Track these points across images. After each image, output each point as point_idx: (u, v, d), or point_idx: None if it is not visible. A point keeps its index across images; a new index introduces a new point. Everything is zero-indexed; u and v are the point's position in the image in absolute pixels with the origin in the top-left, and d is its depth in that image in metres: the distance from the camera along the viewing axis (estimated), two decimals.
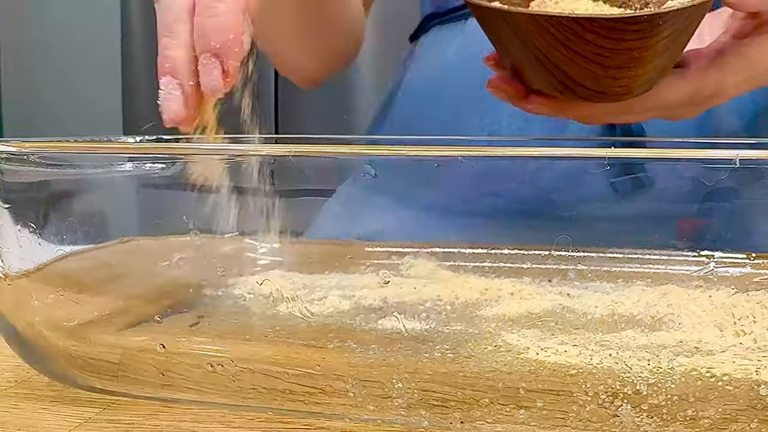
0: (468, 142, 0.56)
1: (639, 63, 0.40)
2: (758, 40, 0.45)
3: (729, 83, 0.45)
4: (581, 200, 0.41)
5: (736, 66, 0.45)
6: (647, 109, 0.45)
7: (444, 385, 0.30)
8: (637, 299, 0.39)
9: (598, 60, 0.39)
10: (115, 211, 0.43)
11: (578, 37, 0.38)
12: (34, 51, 2.23)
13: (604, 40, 0.38)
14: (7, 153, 0.35)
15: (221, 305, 0.41)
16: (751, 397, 0.28)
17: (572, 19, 0.38)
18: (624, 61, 0.39)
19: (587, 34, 0.38)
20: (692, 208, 0.39)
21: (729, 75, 0.45)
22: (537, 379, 0.30)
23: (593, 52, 0.39)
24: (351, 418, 0.32)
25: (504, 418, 0.30)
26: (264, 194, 0.45)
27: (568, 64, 0.40)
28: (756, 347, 0.32)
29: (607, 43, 0.38)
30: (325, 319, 0.36)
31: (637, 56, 0.39)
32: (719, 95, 0.46)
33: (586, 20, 0.38)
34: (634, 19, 0.38)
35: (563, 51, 0.39)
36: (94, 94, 2.15)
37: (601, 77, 0.41)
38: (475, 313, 0.37)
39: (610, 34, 0.38)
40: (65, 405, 0.34)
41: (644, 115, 0.46)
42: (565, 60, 0.40)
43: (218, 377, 0.32)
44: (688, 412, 0.29)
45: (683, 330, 0.34)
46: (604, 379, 0.29)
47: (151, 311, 0.38)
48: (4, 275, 0.35)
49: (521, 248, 0.45)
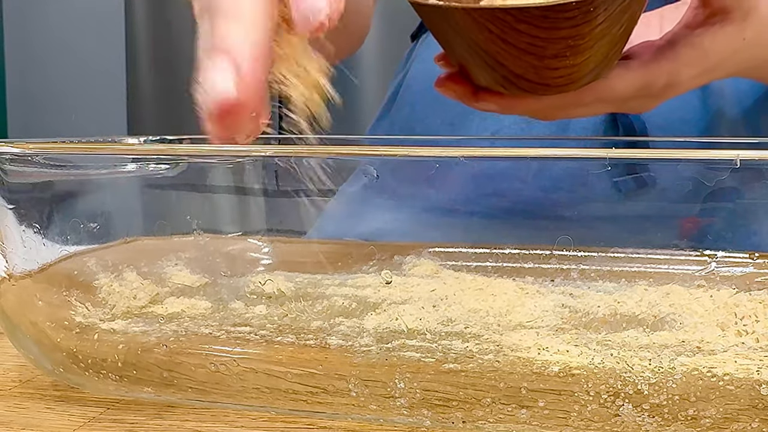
0: (470, 142, 0.56)
1: (576, 51, 0.39)
2: (711, 30, 0.44)
3: (683, 75, 0.44)
4: (583, 200, 0.41)
5: (689, 57, 0.44)
6: (599, 101, 0.45)
7: (446, 385, 0.30)
8: (640, 299, 0.39)
9: (534, 51, 0.39)
10: (118, 212, 0.43)
11: (512, 28, 0.38)
12: (38, 52, 2.23)
13: (537, 30, 0.38)
14: (11, 154, 0.35)
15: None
16: (752, 397, 0.28)
17: (503, 10, 0.38)
18: (560, 50, 0.39)
19: (520, 25, 0.38)
20: (695, 207, 0.39)
21: (682, 66, 0.44)
22: (539, 378, 0.30)
23: (528, 42, 0.38)
24: (353, 417, 0.32)
25: (506, 417, 0.30)
26: (267, 194, 0.45)
27: (507, 58, 0.40)
28: (758, 347, 0.32)
29: (540, 33, 0.38)
30: (327, 319, 0.36)
31: (572, 44, 0.39)
32: (673, 87, 0.45)
33: (517, 11, 0.38)
34: (563, 6, 0.37)
35: (500, 44, 0.39)
36: (98, 94, 2.15)
37: (541, 68, 0.40)
38: (477, 313, 0.37)
39: (542, 24, 0.38)
40: (69, 405, 0.34)
41: (597, 107, 0.46)
42: (504, 53, 0.39)
43: (221, 377, 0.33)
44: (689, 411, 0.29)
45: (685, 330, 0.34)
46: (605, 378, 0.29)
47: (156, 311, 0.38)
48: (9, 275, 0.35)
49: (524, 248, 0.45)
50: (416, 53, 0.73)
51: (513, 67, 0.41)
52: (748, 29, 0.44)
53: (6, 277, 0.35)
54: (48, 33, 2.21)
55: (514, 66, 0.41)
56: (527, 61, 0.40)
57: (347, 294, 0.41)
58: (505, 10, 0.38)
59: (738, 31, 0.44)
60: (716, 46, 0.44)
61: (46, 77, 2.22)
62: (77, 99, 2.18)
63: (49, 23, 2.21)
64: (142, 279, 0.41)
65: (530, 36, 0.38)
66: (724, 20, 0.44)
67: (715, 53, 0.44)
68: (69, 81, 2.20)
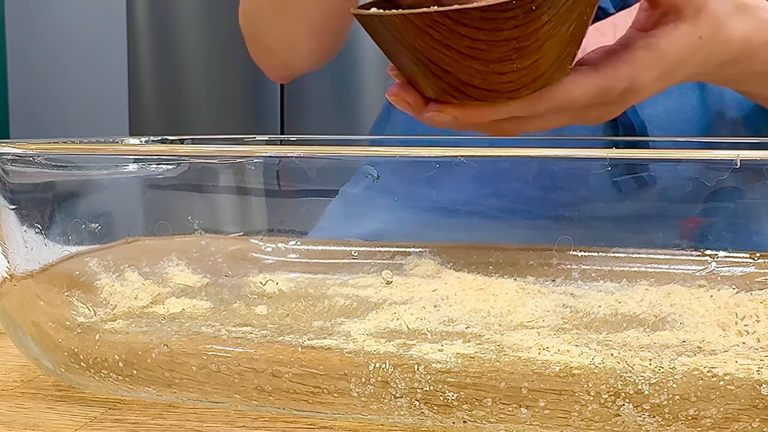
0: (471, 142, 0.56)
1: (522, 54, 0.38)
2: (665, 30, 0.43)
3: (642, 78, 0.43)
4: (584, 200, 0.41)
5: (646, 59, 0.42)
6: (555, 111, 0.43)
7: (447, 385, 0.30)
8: (641, 299, 0.39)
9: (478, 55, 0.38)
10: (120, 212, 0.44)
11: (452, 32, 0.37)
12: (40, 52, 2.24)
13: (479, 33, 0.37)
14: (13, 154, 0.35)
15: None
16: (752, 397, 0.28)
17: (441, 13, 0.37)
18: (505, 53, 0.37)
19: (460, 28, 0.37)
20: (695, 207, 0.39)
21: (640, 69, 0.43)
22: (539, 378, 0.30)
23: (470, 47, 0.37)
24: (354, 417, 0.32)
25: (507, 417, 0.30)
26: (268, 194, 0.45)
27: (451, 64, 0.39)
28: (759, 347, 0.32)
29: (483, 35, 0.37)
30: (328, 319, 0.37)
31: (517, 47, 0.37)
32: (633, 92, 0.43)
33: (455, 12, 0.36)
34: (502, 6, 0.36)
35: (443, 50, 0.38)
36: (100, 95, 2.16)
37: (487, 73, 0.39)
38: (478, 313, 0.37)
39: (483, 25, 0.37)
40: (71, 404, 0.34)
41: (554, 118, 0.44)
42: (447, 60, 0.38)
43: (222, 377, 0.33)
44: (690, 411, 0.29)
45: (686, 329, 0.34)
46: (606, 378, 0.29)
47: (157, 311, 0.38)
48: (10, 276, 0.35)
49: (524, 248, 0.45)
50: None
51: (459, 74, 0.39)
52: (701, 26, 0.43)
53: (8, 278, 0.36)
54: (50, 33, 2.21)
55: (460, 73, 0.39)
56: (472, 67, 0.39)
57: (348, 294, 0.41)
58: (443, 13, 0.37)
59: (692, 28, 0.43)
60: (672, 45, 0.43)
61: (48, 78, 2.23)
62: (79, 99, 2.18)
63: (51, 23, 2.21)
64: (143, 279, 0.41)
65: (472, 39, 0.37)
66: (677, 19, 0.43)
67: (672, 53, 0.43)
68: (71, 82, 2.20)
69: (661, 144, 0.54)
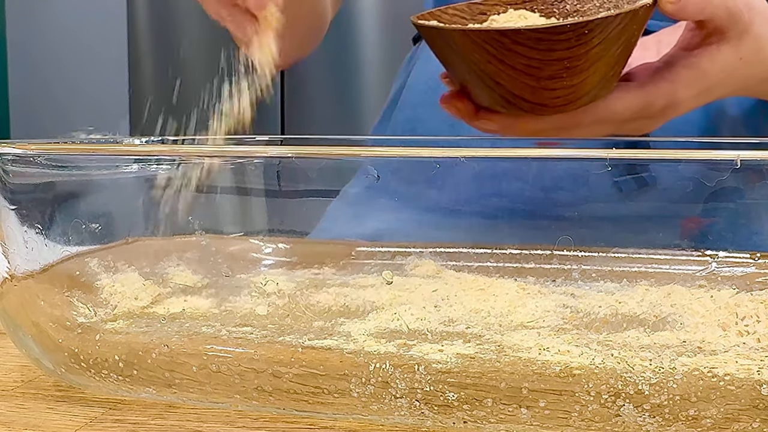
0: (471, 142, 0.56)
1: (573, 73, 0.40)
2: (708, 50, 0.45)
3: (682, 95, 0.45)
4: (585, 200, 0.41)
5: (687, 78, 0.45)
6: (598, 122, 0.45)
7: (447, 385, 0.30)
8: (641, 299, 0.39)
9: (530, 72, 0.40)
10: (120, 212, 0.44)
11: (508, 50, 0.39)
12: (41, 52, 2.24)
13: (533, 52, 0.39)
14: (13, 155, 0.35)
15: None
16: (753, 397, 0.28)
17: (499, 32, 0.39)
18: (556, 71, 0.40)
19: (517, 47, 0.39)
20: (696, 207, 0.39)
21: (681, 87, 0.45)
22: (540, 378, 0.30)
23: (525, 63, 0.39)
24: (354, 417, 0.32)
25: (507, 417, 0.30)
26: (269, 194, 0.45)
27: (504, 78, 0.41)
28: (759, 347, 0.32)
29: (537, 54, 0.39)
30: (328, 319, 0.37)
31: (569, 66, 0.39)
32: (673, 108, 0.45)
33: (512, 32, 0.39)
34: (557, 29, 0.38)
35: (498, 65, 0.40)
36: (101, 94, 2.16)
37: (538, 89, 0.41)
38: (479, 313, 0.37)
39: (537, 45, 0.39)
40: (71, 405, 0.34)
41: (596, 128, 0.46)
42: (501, 74, 0.40)
43: (223, 377, 0.33)
44: (690, 411, 0.29)
45: (686, 330, 0.34)
46: (606, 378, 0.29)
47: (157, 311, 0.38)
48: (11, 276, 0.35)
49: (525, 248, 0.45)
50: (418, 56, 0.73)
51: (511, 88, 0.41)
52: (743, 48, 0.45)
53: (8, 278, 0.36)
54: (51, 33, 2.21)
55: (512, 86, 0.41)
56: (524, 82, 0.41)
57: (348, 294, 0.41)
58: (501, 32, 0.39)
59: (734, 50, 0.45)
60: (714, 66, 0.45)
61: (48, 77, 2.23)
62: (79, 99, 2.18)
63: (52, 23, 2.21)
64: (143, 279, 0.41)
65: (527, 57, 0.39)
66: (721, 41, 0.44)
67: (713, 73, 0.45)
68: (71, 81, 2.20)
69: (662, 144, 0.54)
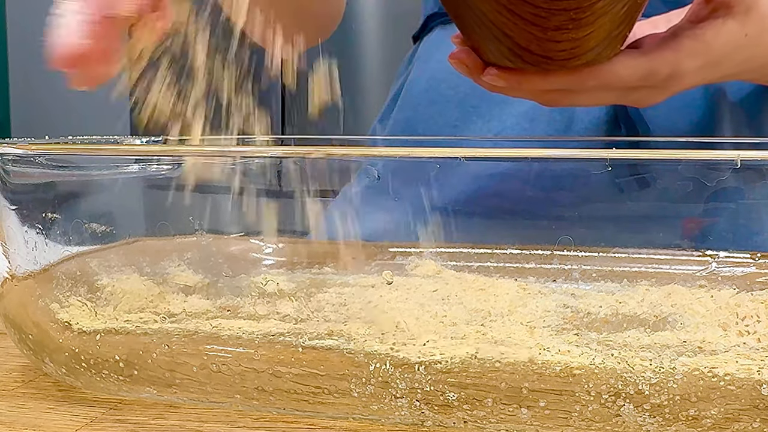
0: (472, 143, 0.56)
1: (578, 25, 0.41)
2: (714, 23, 0.45)
3: (685, 66, 0.46)
4: (585, 200, 0.41)
5: (691, 48, 0.45)
6: (602, 88, 0.46)
7: (447, 385, 0.30)
8: (641, 299, 0.39)
9: (537, 21, 0.40)
10: (121, 212, 0.44)
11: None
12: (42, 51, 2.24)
13: (540, 0, 0.39)
14: (14, 155, 0.35)
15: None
16: (753, 397, 0.28)
17: None
18: (562, 22, 0.40)
19: None
20: (696, 207, 0.39)
21: (685, 57, 0.45)
22: (540, 378, 0.30)
23: (532, 13, 0.40)
24: (355, 417, 0.32)
25: (507, 417, 0.30)
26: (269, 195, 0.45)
27: (512, 28, 0.41)
28: (759, 347, 0.32)
29: (543, 3, 0.39)
30: (329, 319, 0.37)
31: (574, 17, 0.40)
32: (676, 79, 0.46)
33: None
34: None
35: (506, 14, 0.41)
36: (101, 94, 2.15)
37: (544, 40, 0.42)
38: (479, 313, 0.37)
39: None
40: (72, 405, 0.34)
41: (601, 95, 0.47)
42: (509, 24, 0.41)
43: (223, 377, 0.33)
44: (690, 411, 0.29)
45: (687, 330, 0.34)
46: (606, 378, 0.29)
47: (158, 311, 0.38)
48: (11, 276, 0.36)
49: (525, 248, 0.45)
50: (418, 55, 0.73)
51: (518, 39, 0.42)
52: (749, 25, 0.45)
53: (9, 278, 0.36)
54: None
55: (520, 38, 0.42)
56: (531, 33, 0.41)
57: (349, 294, 0.41)
58: None
59: (740, 26, 0.45)
60: (719, 39, 0.45)
61: (49, 77, 2.23)
62: (80, 99, 2.18)
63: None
64: (144, 279, 0.41)
65: (534, 6, 0.39)
66: (727, 15, 0.45)
67: (717, 46, 0.45)
68: None
69: (663, 144, 0.54)
